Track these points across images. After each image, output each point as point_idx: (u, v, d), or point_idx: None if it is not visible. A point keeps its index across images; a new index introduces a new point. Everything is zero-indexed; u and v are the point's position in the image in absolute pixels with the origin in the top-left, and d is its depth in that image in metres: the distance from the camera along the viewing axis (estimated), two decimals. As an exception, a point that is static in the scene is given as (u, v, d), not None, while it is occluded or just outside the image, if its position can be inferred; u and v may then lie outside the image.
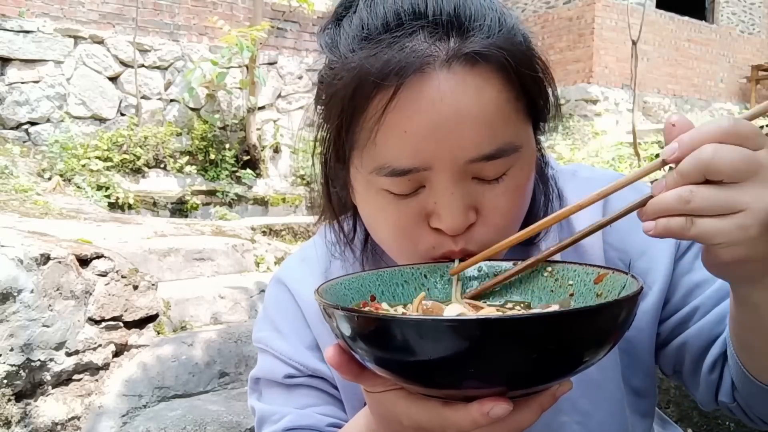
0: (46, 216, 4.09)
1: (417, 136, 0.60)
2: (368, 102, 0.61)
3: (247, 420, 2.43)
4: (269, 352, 0.83)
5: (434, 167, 0.61)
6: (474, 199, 0.64)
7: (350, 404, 0.81)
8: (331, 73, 0.66)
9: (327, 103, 0.68)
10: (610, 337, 0.48)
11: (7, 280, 2.24)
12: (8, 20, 6.20)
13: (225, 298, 3.31)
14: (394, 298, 0.64)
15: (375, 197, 0.66)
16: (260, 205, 7.10)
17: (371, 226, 0.71)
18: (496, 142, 0.61)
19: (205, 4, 7.48)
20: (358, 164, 0.66)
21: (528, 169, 0.67)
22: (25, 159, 5.85)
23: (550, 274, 0.63)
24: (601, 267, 0.59)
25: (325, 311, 0.51)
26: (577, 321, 0.45)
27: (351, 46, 0.64)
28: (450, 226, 0.62)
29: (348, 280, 0.62)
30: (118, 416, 2.50)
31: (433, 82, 0.59)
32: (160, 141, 6.68)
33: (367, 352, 0.49)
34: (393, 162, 0.62)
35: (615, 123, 9.86)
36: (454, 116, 0.60)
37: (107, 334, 2.63)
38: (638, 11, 8.79)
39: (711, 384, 0.72)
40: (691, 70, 11.26)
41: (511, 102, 0.63)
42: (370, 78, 0.60)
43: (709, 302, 0.72)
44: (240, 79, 7.20)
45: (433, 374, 0.46)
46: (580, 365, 0.48)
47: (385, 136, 0.61)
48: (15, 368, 2.25)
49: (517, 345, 0.44)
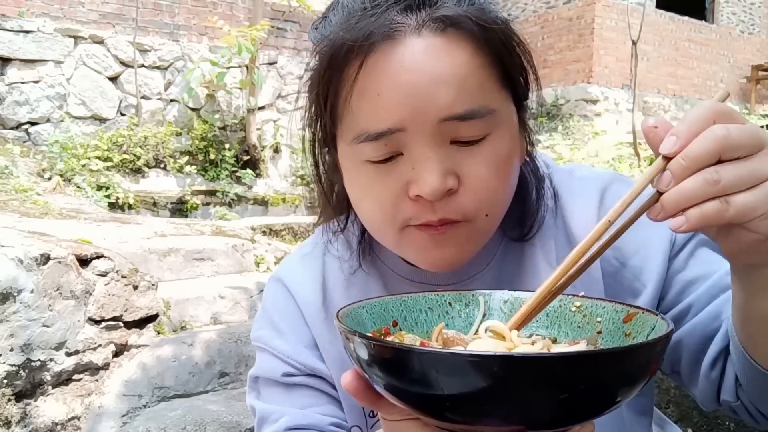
0: (46, 216, 4.09)
1: (389, 97, 0.61)
2: (342, 69, 0.64)
3: (247, 420, 2.43)
4: (268, 351, 0.83)
5: (408, 128, 0.62)
6: (453, 163, 0.64)
7: (348, 404, 0.81)
8: (315, 52, 0.70)
9: (310, 85, 0.70)
10: (641, 379, 0.46)
11: (7, 280, 2.23)
12: (8, 20, 6.20)
13: (225, 298, 3.31)
14: (417, 325, 0.62)
15: (358, 172, 0.67)
16: (260, 205, 7.10)
17: (357, 207, 0.72)
18: (469, 102, 0.62)
19: (205, 4, 7.48)
20: (341, 137, 0.68)
21: (509, 139, 0.67)
22: (25, 159, 5.85)
23: (578, 309, 0.61)
24: (631, 306, 0.57)
25: (345, 336, 0.50)
26: (610, 361, 0.43)
27: (334, 30, 0.67)
28: (428, 189, 0.62)
29: (370, 304, 0.60)
30: (118, 416, 2.50)
31: (402, 46, 0.62)
32: (160, 141, 6.68)
33: (383, 380, 0.47)
34: (369, 126, 0.63)
35: (615, 123, 9.86)
36: (426, 76, 0.61)
37: (107, 334, 2.63)
38: (638, 11, 8.79)
39: (712, 382, 0.71)
40: (691, 70, 11.26)
41: (484, 68, 0.64)
42: (343, 46, 0.63)
43: (703, 299, 0.71)
44: (240, 79, 7.20)
45: (450, 409, 0.45)
46: (606, 408, 0.46)
47: (359, 100, 0.63)
48: (15, 368, 2.25)
49: (542, 385, 0.42)
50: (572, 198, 0.79)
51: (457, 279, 0.78)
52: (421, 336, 0.61)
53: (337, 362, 0.80)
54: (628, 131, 8.12)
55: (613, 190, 0.78)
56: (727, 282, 0.69)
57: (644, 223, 0.53)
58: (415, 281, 0.80)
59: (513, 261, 0.79)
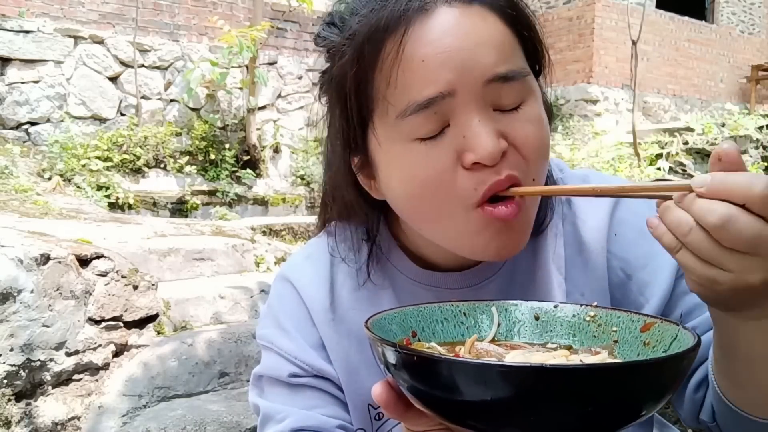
0: (46, 216, 4.08)
1: (435, 61, 0.62)
2: (380, 50, 0.64)
3: (247, 420, 2.43)
4: (274, 350, 0.82)
5: (457, 91, 0.63)
6: (501, 126, 0.64)
7: (354, 406, 0.81)
8: (334, 56, 0.70)
9: (336, 79, 0.69)
10: (669, 390, 0.46)
11: (7, 280, 2.23)
12: (8, 20, 6.19)
13: (225, 298, 3.31)
14: (434, 335, 0.63)
15: (402, 154, 0.66)
16: (260, 205, 7.10)
17: (400, 197, 0.70)
18: (509, 63, 0.64)
19: (205, 4, 7.47)
20: (383, 117, 0.67)
21: (540, 108, 0.69)
22: (25, 159, 5.85)
23: (593, 319, 0.61)
24: (647, 315, 0.58)
25: (376, 346, 0.51)
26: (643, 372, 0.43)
27: (351, 21, 0.68)
28: (485, 152, 0.62)
29: (390, 315, 0.61)
30: (119, 416, 2.50)
31: (439, 16, 0.64)
32: (160, 141, 6.68)
33: (415, 389, 0.48)
34: (417, 96, 0.63)
35: (615, 123, 9.86)
36: (467, 39, 0.63)
37: (107, 334, 2.63)
38: (638, 11, 8.78)
39: (695, 403, 0.72)
40: (691, 70, 11.26)
41: (512, 37, 0.67)
42: (379, 26, 0.64)
43: (704, 326, 0.72)
44: (240, 79, 7.20)
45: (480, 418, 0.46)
46: (632, 419, 0.46)
47: (404, 71, 0.63)
48: (15, 368, 2.25)
49: (572, 397, 0.42)
50: (585, 205, 0.79)
51: (468, 284, 0.78)
52: (440, 344, 0.61)
53: (343, 364, 0.80)
54: (628, 131, 8.12)
55: (627, 200, 0.78)
56: None
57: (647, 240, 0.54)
58: (425, 284, 0.79)
59: (524, 267, 0.79)
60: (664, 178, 6.18)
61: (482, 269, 0.78)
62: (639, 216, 0.77)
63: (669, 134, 8.09)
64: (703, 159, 7.81)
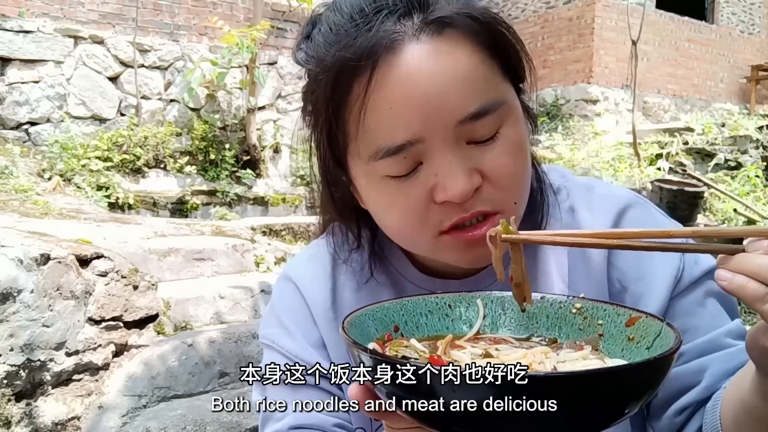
0: (46, 216, 4.08)
1: (403, 108, 0.61)
2: (350, 88, 0.63)
3: (247, 420, 2.43)
4: (275, 349, 0.83)
5: (426, 137, 0.62)
6: (474, 162, 0.64)
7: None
8: (310, 82, 0.69)
9: (313, 107, 0.69)
10: (651, 389, 0.47)
11: (7, 280, 2.23)
12: (8, 20, 6.19)
13: (225, 298, 3.31)
14: (418, 329, 0.63)
15: (378, 187, 0.67)
16: (260, 205, 7.10)
17: (380, 220, 0.71)
18: (480, 99, 0.62)
19: (205, 4, 7.47)
20: (356, 156, 0.67)
21: (519, 127, 0.67)
22: (25, 159, 5.85)
23: (579, 311, 0.61)
24: (633, 309, 0.58)
25: (352, 350, 0.51)
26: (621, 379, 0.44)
27: (324, 49, 0.66)
28: (455, 192, 0.62)
29: (371, 310, 0.61)
30: (119, 416, 2.50)
31: (405, 55, 0.61)
32: (160, 141, 6.68)
33: (390, 394, 0.48)
34: (386, 141, 0.62)
35: (615, 123, 9.85)
36: (434, 82, 0.61)
37: (107, 334, 2.63)
38: (638, 11, 8.78)
39: (673, 425, 0.72)
40: (691, 70, 11.25)
41: (485, 62, 0.64)
42: (347, 65, 0.62)
43: (695, 351, 0.71)
44: (240, 79, 7.20)
45: (455, 425, 0.46)
46: (612, 421, 0.46)
47: (372, 117, 0.62)
48: (15, 368, 2.25)
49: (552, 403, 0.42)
50: (589, 214, 0.79)
51: (468, 289, 0.78)
52: (423, 339, 0.61)
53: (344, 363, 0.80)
54: (628, 131, 8.12)
55: (631, 214, 0.78)
56: (721, 342, 0.71)
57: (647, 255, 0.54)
58: (425, 289, 0.79)
59: None
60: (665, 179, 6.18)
61: (482, 277, 0.77)
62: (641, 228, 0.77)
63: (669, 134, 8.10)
64: (703, 159, 7.82)
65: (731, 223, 5.60)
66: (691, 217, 5.50)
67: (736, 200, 5.97)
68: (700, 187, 5.87)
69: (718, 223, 5.78)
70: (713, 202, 6.47)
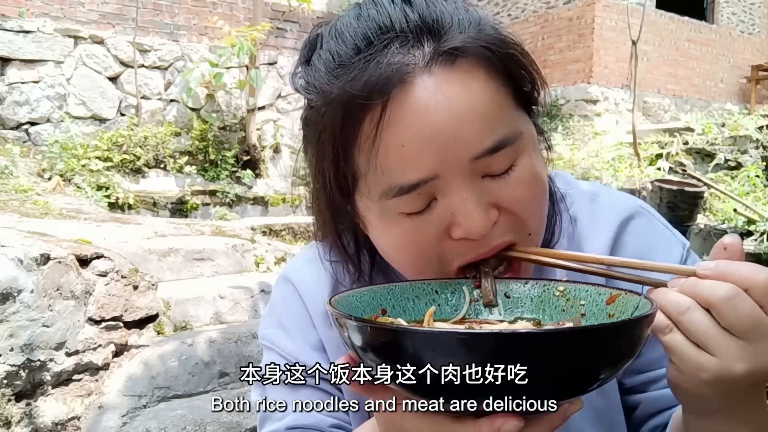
0: (46, 216, 4.09)
1: (416, 146, 0.59)
2: (359, 126, 0.60)
3: (247, 420, 2.43)
4: (274, 350, 0.83)
5: (441, 175, 0.60)
6: (491, 196, 0.62)
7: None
8: (313, 112, 0.66)
9: (317, 141, 0.66)
10: (627, 356, 0.48)
11: (7, 280, 2.23)
12: (8, 20, 6.20)
13: (225, 298, 3.31)
14: (405, 312, 0.63)
15: (392, 224, 0.64)
16: (260, 205, 7.10)
17: (391, 256, 0.69)
18: (496, 133, 0.60)
19: (205, 4, 7.48)
20: (366, 193, 0.64)
21: (535, 154, 0.66)
22: (25, 159, 5.85)
23: (562, 293, 0.62)
24: (614, 288, 0.59)
25: (338, 321, 0.51)
26: (597, 338, 0.45)
27: (327, 79, 0.63)
28: (473, 230, 0.60)
29: (360, 293, 0.61)
30: (119, 416, 2.50)
31: (418, 89, 0.59)
32: (159, 141, 6.68)
33: (377, 364, 0.48)
34: (399, 180, 0.60)
35: (615, 123, 9.85)
36: (448, 118, 0.59)
37: (107, 334, 2.63)
38: (638, 11, 8.79)
39: None
40: (691, 70, 11.25)
41: (499, 90, 0.62)
42: (356, 101, 0.59)
43: None
44: (239, 79, 7.20)
45: (443, 389, 0.46)
46: (595, 383, 0.47)
47: (384, 156, 0.60)
48: (15, 368, 2.25)
49: (533, 361, 0.43)
50: (591, 224, 0.78)
51: None
52: (410, 322, 0.62)
53: None
54: (628, 131, 8.12)
55: (634, 226, 0.77)
56: None
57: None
58: None
59: None
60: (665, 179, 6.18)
61: None
62: (643, 239, 0.77)
63: (669, 134, 8.10)
64: (703, 159, 7.82)
65: (731, 223, 5.60)
66: (691, 217, 5.50)
67: (736, 200, 5.97)
68: (700, 187, 5.88)
69: (719, 223, 5.79)
70: (713, 202, 6.47)
